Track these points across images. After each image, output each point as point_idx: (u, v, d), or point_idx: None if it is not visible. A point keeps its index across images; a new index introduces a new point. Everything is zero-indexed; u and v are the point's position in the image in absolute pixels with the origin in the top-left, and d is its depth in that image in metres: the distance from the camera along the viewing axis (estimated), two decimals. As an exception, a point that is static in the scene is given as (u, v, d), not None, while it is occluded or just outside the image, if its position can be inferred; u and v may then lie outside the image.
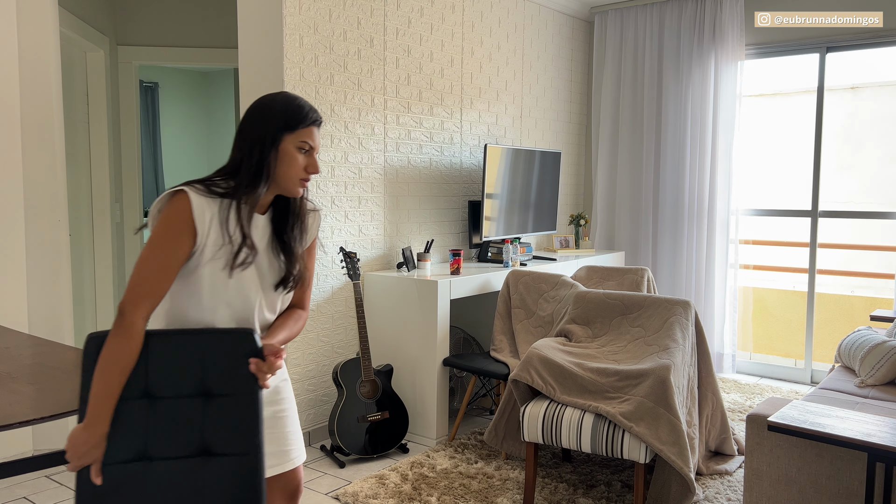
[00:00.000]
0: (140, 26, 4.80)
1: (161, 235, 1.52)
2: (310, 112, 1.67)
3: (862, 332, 3.51)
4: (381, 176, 3.97)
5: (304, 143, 1.67)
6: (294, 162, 1.65)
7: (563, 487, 3.11)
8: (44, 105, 3.36)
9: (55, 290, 3.43)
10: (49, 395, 1.85)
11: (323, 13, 3.59)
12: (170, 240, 1.52)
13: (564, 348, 3.19)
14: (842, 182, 5.82)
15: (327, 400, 3.76)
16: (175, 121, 8.35)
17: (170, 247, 1.52)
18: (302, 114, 1.65)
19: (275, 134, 1.62)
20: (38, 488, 3.12)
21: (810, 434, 2.10)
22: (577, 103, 5.67)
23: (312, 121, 1.67)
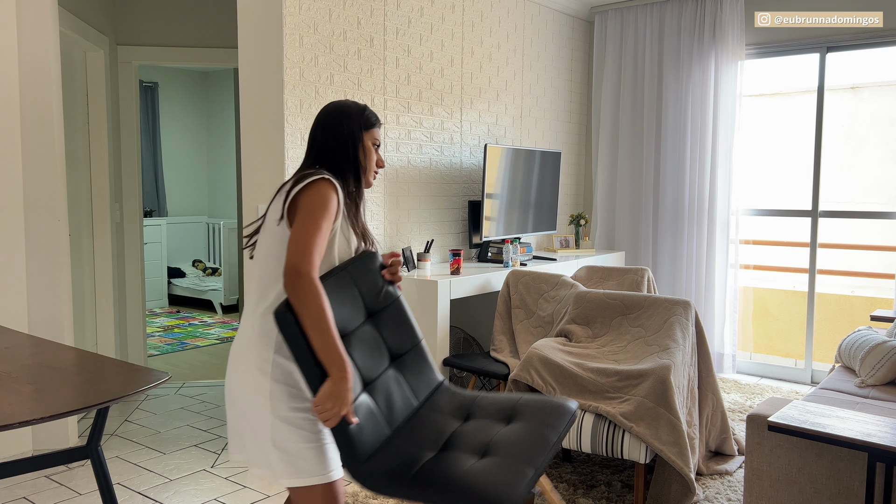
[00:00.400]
0: (140, 26, 4.80)
1: (324, 208, 1.73)
2: (375, 114, 1.96)
3: (862, 333, 3.51)
4: (381, 176, 3.97)
5: (376, 140, 1.94)
6: (371, 156, 1.94)
7: (563, 487, 3.11)
8: (44, 105, 3.36)
9: (55, 290, 3.43)
10: (49, 395, 1.85)
11: (323, 13, 3.59)
12: (330, 214, 1.74)
13: (564, 348, 3.19)
14: (842, 182, 5.82)
15: (327, 400, 3.76)
16: (175, 120, 8.35)
17: (330, 219, 1.74)
18: (373, 115, 1.94)
19: (357, 132, 1.90)
20: (38, 488, 3.12)
21: (810, 434, 2.10)
22: (577, 103, 5.67)
23: (379, 122, 1.96)
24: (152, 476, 3.29)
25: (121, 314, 4.65)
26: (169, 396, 4.52)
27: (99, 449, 2.14)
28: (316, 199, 1.73)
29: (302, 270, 1.64)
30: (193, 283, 7.89)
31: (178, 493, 3.12)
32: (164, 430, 3.91)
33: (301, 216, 1.71)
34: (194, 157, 8.59)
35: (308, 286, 1.64)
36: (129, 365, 2.19)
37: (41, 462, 2.19)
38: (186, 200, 8.54)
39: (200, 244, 8.65)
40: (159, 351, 5.75)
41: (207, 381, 4.90)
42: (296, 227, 1.69)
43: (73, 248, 4.01)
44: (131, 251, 4.79)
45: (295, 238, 1.67)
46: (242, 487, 3.17)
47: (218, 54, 4.96)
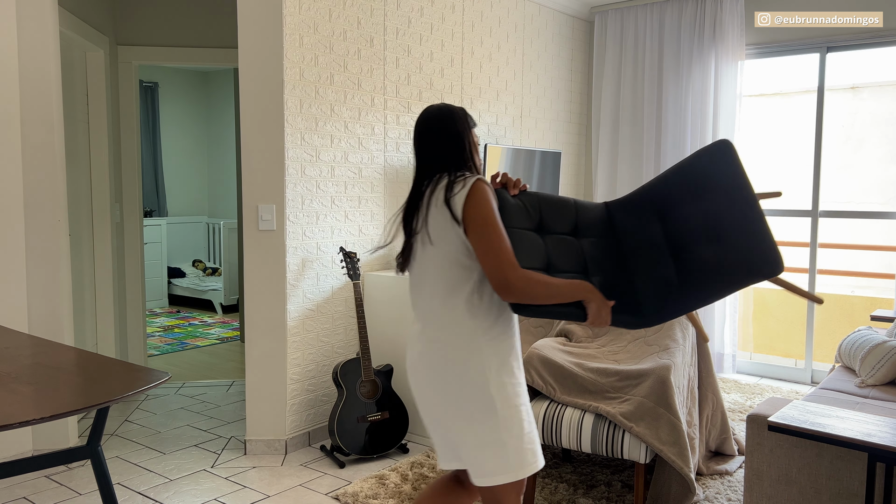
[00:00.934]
0: (140, 26, 4.80)
1: (493, 209, 1.85)
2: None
3: (862, 332, 3.51)
4: (381, 176, 3.97)
5: (477, 137, 2.03)
6: (478, 152, 2.03)
7: (563, 487, 3.11)
8: (44, 105, 3.36)
9: (55, 290, 3.43)
10: (49, 395, 1.85)
11: (323, 13, 3.59)
12: (497, 209, 1.87)
13: (564, 348, 3.19)
14: (842, 182, 5.81)
15: (327, 400, 3.76)
16: (175, 120, 8.35)
17: (498, 214, 1.87)
18: (471, 116, 2.04)
19: (467, 131, 1.98)
20: (38, 488, 3.13)
21: (810, 434, 2.09)
22: (577, 103, 5.67)
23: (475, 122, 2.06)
24: (152, 476, 3.29)
25: (121, 314, 4.65)
26: (169, 396, 4.52)
27: (99, 449, 2.14)
28: (484, 205, 1.85)
29: (510, 280, 1.79)
30: (193, 283, 7.89)
31: (178, 493, 3.12)
32: (164, 430, 3.91)
33: (480, 227, 1.83)
34: (194, 157, 8.59)
35: (523, 287, 1.80)
36: (129, 365, 2.19)
37: (41, 462, 2.19)
38: (186, 200, 8.54)
39: (200, 244, 8.65)
40: (159, 351, 5.75)
41: (207, 381, 4.90)
42: (482, 241, 1.82)
43: (73, 248, 4.01)
44: (131, 251, 4.79)
45: (486, 251, 1.81)
46: (242, 487, 3.17)
47: (218, 54, 4.95)
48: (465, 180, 1.88)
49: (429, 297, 1.94)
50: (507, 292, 1.80)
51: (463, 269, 1.88)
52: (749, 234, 1.82)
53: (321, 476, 3.30)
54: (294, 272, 3.55)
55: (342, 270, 3.79)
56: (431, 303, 1.93)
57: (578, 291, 1.86)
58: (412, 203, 1.97)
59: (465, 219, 1.84)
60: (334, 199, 3.73)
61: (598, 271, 2.01)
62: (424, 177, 1.97)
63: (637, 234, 2.02)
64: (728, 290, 1.87)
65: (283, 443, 3.56)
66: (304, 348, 3.63)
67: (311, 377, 3.68)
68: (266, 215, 3.48)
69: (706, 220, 1.90)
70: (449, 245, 1.88)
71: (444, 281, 1.90)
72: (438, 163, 1.95)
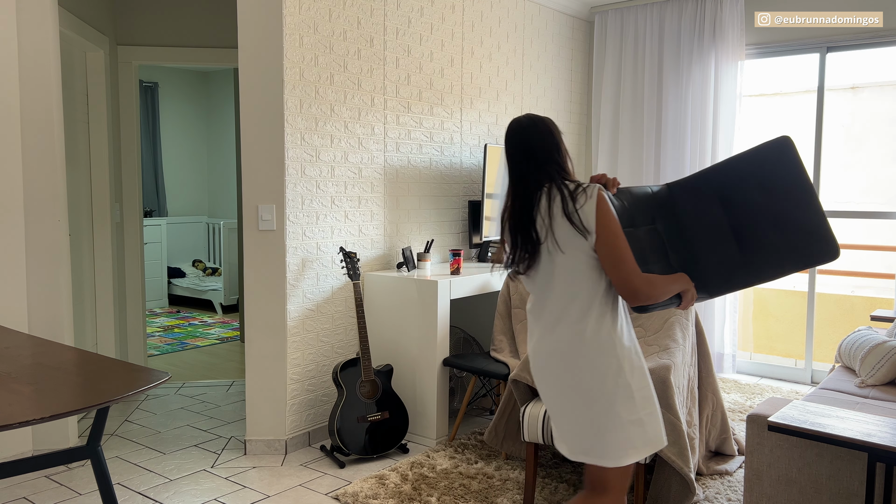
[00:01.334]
0: (140, 26, 4.80)
1: (615, 218, 1.96)
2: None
3: (862, 332, 3.51)
4: (381, 176, 3.97)
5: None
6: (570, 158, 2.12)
7: (563, 487, 3.11)
8: (44, 105, 3.36)
9: (55, 290, 3.43)
10: (49, 395, 1.85)
11: (323, 13, 3.59)
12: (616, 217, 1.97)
13: (564, 348, 3.19)
14: (842, 182, 5.81)
15: (327, 400, 3.76)
16: (175, 121, 8.35)
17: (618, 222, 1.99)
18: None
19: (562, 140, 2.09)
20: (38, 488, 3.13)
21: (810, 434, 2.09)
22: (577, 103, 5.67)
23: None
24: (152, 476, 3.29)
25: (121, 314, 4.65)
26: (169, 396, 4.52)
27: (99, 449, 2.14)
28: (611, 216, 1.95)
29: (638, 288, 1.93)
30: (193, 283, 7.89)
31: (178, 493, 3.12)
32: (164, 430, 3.91)
33: (611, 238, 1.94)
34: (194, 157, 8.59)
35: (648, 291, 1.95)
36: (129, 365, 2.19)
37: (41, 462, 2.19)
38: (186, 200, 8.54)
39: (200, 244, 8.65)
40: (159, 351, 5.76)
41: (207, 381, 4.90)
42: (612, 252, 1.94)
43: (73, 248, 4.01)
44: (131, 251, 4.79)
45: (616, 262, 1.93)
46: (242, 487, 3.17)
47: (218, 54, 4.96)
48: (585, 191, 1.96)
49: (560, 303, 2.01)
50: (635, 299, 1.95)
51: (592, 275, 1.97)
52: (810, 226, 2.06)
53: (321, 476, 3.30)
54: (294, 272, 3.55)
55: (342, 270, 3.79)
56: (564, 307, 2.00)
57: (682, 283, 2.05)
58: (524, 212, 2.02)
59: (596, 230, 1.93)
60: (334, 199, 3.73)
61: (672, 252, 2.19)
62: (528, 186, 2.04)
63: (700, 216, 2.19)
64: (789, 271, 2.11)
65: (283, 443, 3.56)
66: (304, 348, 3.63)
67: (311, 377, 3.68)
68: (266, 215, 3.48)
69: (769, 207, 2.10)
70: (578, 253, 1.96)
71: (575, 287, 1.98)
72: (542, 173, 2.03)
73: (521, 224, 2.03)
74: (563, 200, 1.96)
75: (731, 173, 2.21)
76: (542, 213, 1.99)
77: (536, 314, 2.08)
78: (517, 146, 2.07)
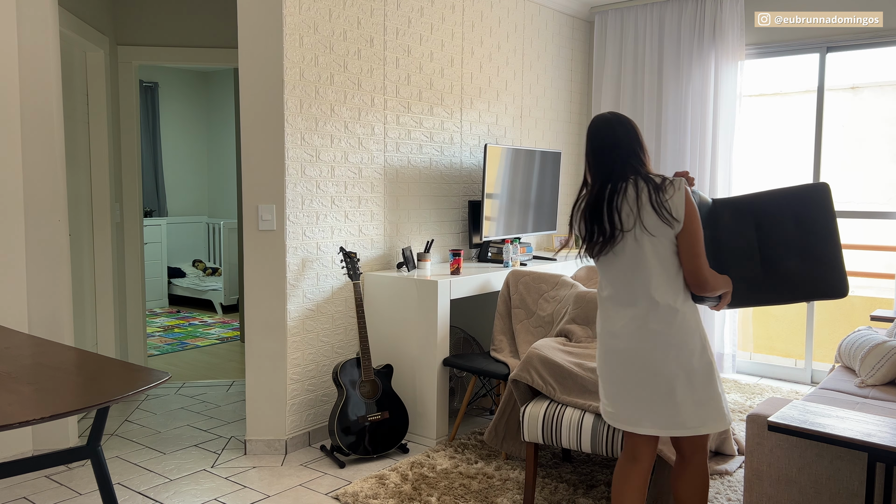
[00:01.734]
0: (140, 26, 4.80)
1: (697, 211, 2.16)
2: None
3: (862, 332, 3.51)
4: (381, 176, 3.97)
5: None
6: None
7: (563, 487, 3.11)
8: (44, 105, 3.36)
9: (55, 290, 3.43)
10: (49, 395, 1.85)
11: (323, 13, 3.59)
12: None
13: (564, 348, 3.19)
14: (842, 182, 5.81)
15: (327, 400, 3.76)
16: (175, 120, 8.35)
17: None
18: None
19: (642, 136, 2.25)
20: (38, 488, 3.13)
21: (810, 434, 2.10)
22: (577, 103, 5.67)
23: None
24: (152, 476, 3.29)
25: (121, 314, 4.65)
26: (169, 396, 4.52)
27: (99, 449, 2.14)
28: (693, 207, 2.15)
29: (707, 278, 2.15)
30: (193, 283, 7.89)
31: (178, 493, 3.12)
32: (164, 430, 3.91)
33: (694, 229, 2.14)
34: (194, 157, 8.59)
35: (713, 283, 2.17)
36: (129, 365, 2.19)
37: (41, 462, 2.19)
38: (186, 200, 8.54)
39: (200, 244, 8.65)
40: (159, 351, 5.76)
41: (207, 381, 4.90)
42: (692, 242, 2.14)
43: (73, 248, 4.01)
44: (131, 251, 4.79)
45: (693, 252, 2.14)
46: (242, 487, 3.17)
47: (218, 54, 4.96)
48: (672, 184, 2.14)
49: (654, 286, 2.17)
50: (701, 288, 2.16)
51: (676, 261, 2.18)
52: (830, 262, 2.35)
53: (321, 476, 3.30)
54: (294, 272, 3.55)
55: (342, 270, 3.79)
56: (656, 289, 2.17)
57: (727, 286, 2.23)
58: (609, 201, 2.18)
59: (683, 220, 2.13)
60: (334, 199, 3.73)
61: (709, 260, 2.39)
62: (612, 178, 2.19)
63: (735, 233, 2.40)
64: (799, 298, 2.41)
65: (283, 443, 3.56)
66: (304, 348, 3.63)
67: (311, 377, 3.68)
68: (266, 215, 3.48)
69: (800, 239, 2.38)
70: (664, 240, 2.15)
71: (665, 271, 2.17)
72: (627, 166, 2.19)
73: (605, 212, 2.18)
74: (652, 191, 2.13)
75: (772, 203, 2.45)
76: (630, 203, 2.15)
77: (623, 299, 2.22)
78: (604, 140, 2.23)
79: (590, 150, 2.26)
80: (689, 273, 2.15)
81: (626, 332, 2.20)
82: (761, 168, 5.54)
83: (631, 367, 2.20)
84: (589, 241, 2.24)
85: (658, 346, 2.16)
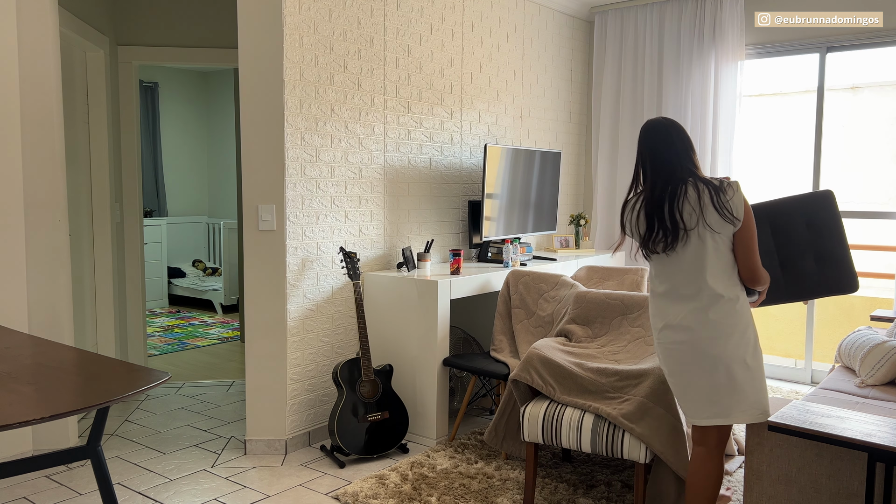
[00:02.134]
0: (140, 26, 4.80)
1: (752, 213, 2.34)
2: None
3: (862, 332, 3.51)
4: (381, 176, 3.97)
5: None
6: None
7: (563, 487, 3.11)
8: (44, 105, 3.36)
9: (55, 290, 3.43)
10: (49, 395, 1.85)
11: (323, 13, 3.59)
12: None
13: (564, 348, 3.19)
14: (842, 182, 5.81)
15: (327, 400, 3.76)
16: (175, 121, 8.35)
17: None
18: None
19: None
20: (38, 488, 3.13)
21: (810, 434, 2.10)
22: (577, 103, 5.67)
23: None
24: (152, 476, 3.29)
25: (121, 314, 4.65)
26: (169, 396, 4.52)
27: (99, 449, 2.14)
28: (748, 206, 2.31)
29: (760, 273, 2.33)
30: (193, 283, 7.89)
31: (178, 493, 3.12)
32: (164, 430, 3.91)
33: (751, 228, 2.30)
34: (194, 157, 8.59)
35: (764, 279, 2.35)
36: (129, 365, 2.19)
37: (41, 462, 2.19)
38: (186, 200, 8.54)
39: (200, 244, 8.65)
40: (159, 351, 5.76)
41: (207, 381, 4.90)
42: (749, 239, 2.30)
43: (73, 248, 4.00)
44: (131, 251, 4.79)
45: (750, 248, 2.30)
46: (242, 487, 3.17)
47: (218, 54, 4.96)
48: (731, 186, 2.30)
49: (715, 280, 2.31)
50: (755, 283, 2.33)
51: (731, 256, 2.32)
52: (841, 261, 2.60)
53: (321, 476, 3.30)
54: (294, 272, 3.55)
55: (342, 270, 3.79)
56: (717, 283, 2.31)
57: (768, 281, 2.40)
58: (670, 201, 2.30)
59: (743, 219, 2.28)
60: (334, 199, 3.73)
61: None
62: (669, 180, 2.33)
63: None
64: (816, 295, 2.68)
65: (283, 443, 3.56)
66: (304, 348, 3.63)
67: (311, 377, 3.68)
68: (266, 215, 3.48)
69: (814, 242, 2.62)
70: (724, 237, 2.29)
71: (725, 266, 2.31)
72: (682, 168, 2.34)
73: (666, 211, 2.30)
74: (713, 193, 2.27)
75: (784, 209, 2.67)
76: (692, 203, 2.29)
77: (683, 293, 2.34)
78: (659, 143, 2.36)
79: (646, 153, 2.37)
80: (746, 268, 2.30)
81: (685, 323, 2.32)
82: (761, 168, 5.54)
83: (690, 358, 2.33)
84: (648, 238, 2.34)
85: (719, 334, 2.29)
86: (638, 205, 2.38)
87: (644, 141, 2.39)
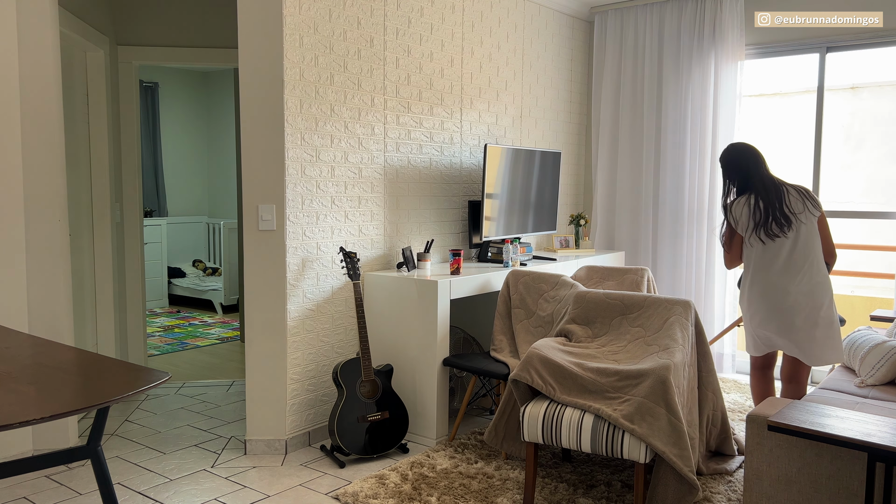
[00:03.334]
0: (140, 26, 4.80)
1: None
2: None
3: (862, 332, 3.51)
4: (381, 176, 3.97)
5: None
6: None
7: (563, 487, 3.11)
8: (44, 105, 3.36)
9: (55, 290, 3.43)
10: (49, 395, 1.85)
11: (323, 13, 3.59)
12: None
13: (564, 348, 3.19)
14: (842, 182, 5.81)
15: (327, 400, 3.77)
16: (175, 121, 8.35)
17: None
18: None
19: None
20: (38, 488, 3.13)
21: (810, 434, 2.10)
22: (577, 103, 5.67)
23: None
24: (152, 476, 3.29)
25: (121, 314, 4.65)
26: (169, 396, 4.52)
27: (99, 449, 2.14)
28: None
29: (835, 252, 3.29)
30: (193, 283, 7.89)
31: (178, 493, 3.12)
32: (164, 430, 3.91)
33: (824, 215, 3.27)
34: (194, 157, 8.59)
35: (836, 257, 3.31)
36: (129, 365, 2.19)
37: (41, 462, 2.19)
38: (186, 200, 8.54)
39: (200, 244, 8.65)
40: (159, 351, 5.76)
41: (207, 381, 4.90)
42: (825, 224, 3.27)
43: (73, 248, 4.01)
44: (131, 251, 4.79)
45: (830, 236, 3.28)
46: (242, 487, 3.17)
47: (218, 54, 4.96)
48: (809, 191, 3.24)
49: (813, 255, 3.19)
50: (833, 257, 3.27)
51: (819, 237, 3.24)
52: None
53: (321, 476, 3.30)
54: (294, 272, 3.55)
55: (342, 270, 3.79)
56: (817, 256, 3.19)
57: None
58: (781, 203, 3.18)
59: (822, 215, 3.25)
60: (334, 199, 3.73)
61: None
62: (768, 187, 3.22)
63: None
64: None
65: (283, 443, 3.56)
66: (304, 348, 3.63)
67: (311, 377, 3.68)
68: (266, 215, 3.48)
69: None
70: (814, 224, 3.21)
71: (816, 249, 3.20)
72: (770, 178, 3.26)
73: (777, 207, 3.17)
74: (804, 193, 3.23)
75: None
76: (795, 200, 3.20)
77: (796, 266, 3.17)
78: (751, 161, 3.29)
79: (742, 166, 3.28)
80: (827, 248, 3.25)
81: (798, 288, 3.14)
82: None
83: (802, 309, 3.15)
84: (765, 226, 3.17)
85: (825, 292, 3.18)
86: (751, 201, 3.21)
87: (738, 160, 3.31)
